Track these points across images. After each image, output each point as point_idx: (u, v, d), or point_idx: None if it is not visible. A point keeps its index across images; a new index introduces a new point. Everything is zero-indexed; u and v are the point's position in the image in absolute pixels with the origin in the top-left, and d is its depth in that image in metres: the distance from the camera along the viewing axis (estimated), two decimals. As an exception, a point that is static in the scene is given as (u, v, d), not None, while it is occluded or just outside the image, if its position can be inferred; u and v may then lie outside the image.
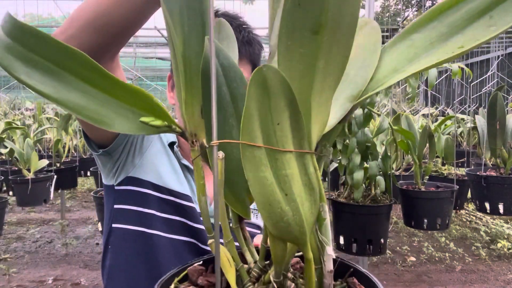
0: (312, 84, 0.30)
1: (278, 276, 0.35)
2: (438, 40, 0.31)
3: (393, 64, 0.33)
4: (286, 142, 0.30)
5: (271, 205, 0.30)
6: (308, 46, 0.28)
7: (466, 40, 0.29)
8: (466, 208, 4.66)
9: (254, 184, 0.30)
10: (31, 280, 3.09)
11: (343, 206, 1.52)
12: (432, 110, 4.81)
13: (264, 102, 0.29)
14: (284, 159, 0.30)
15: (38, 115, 3.57)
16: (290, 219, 0.30)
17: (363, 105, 1.38)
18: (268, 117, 0.29)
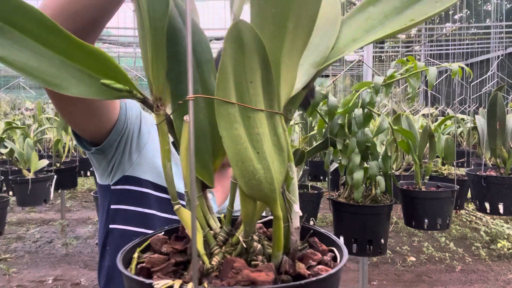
0: (282, 45, 0.31)
1: (247, 236, 0.35)
2: (392, 14, 0.33)
3: (352, 35, 0.35)
4: (258, 101, 0.30)
5: (244, 163, 0.31)
6: (280, 5, 0.29)
7: (416, 14, 0.31)
8: (466, 208, 4.66)
9: (228, 142, 0.30)
10: (31, 280, 3.09)
11: (343, 206, 1.52)
12: (432, 110, 4.81)
13: (239, 59, 0.29)
14: (257, 117, 0.31)
15: (38, 115, 3.57)
16: (261, 177, 0.31)
17: (363, 105, 1.38)
18: (242, 75, 0.29)
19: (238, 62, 0.29)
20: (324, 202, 2.37)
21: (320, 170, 2.81)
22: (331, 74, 7.74)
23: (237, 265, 0.31)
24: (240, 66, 0.29)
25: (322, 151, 1.65)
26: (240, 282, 0.30)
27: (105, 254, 0.83)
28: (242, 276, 0.30)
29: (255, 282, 0.29)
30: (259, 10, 0.30)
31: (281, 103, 0.33)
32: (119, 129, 0.75)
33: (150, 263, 0.35)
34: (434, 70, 1.41)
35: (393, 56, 8.17)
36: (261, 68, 0.30)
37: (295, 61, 0.32)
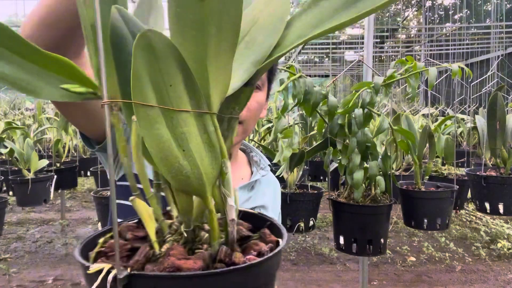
0: (206, 48, 0.32)
1: (187, 226, 0.38)
2: (342, 7, 0.34)
3: (299, 31, 0.36)
4: (181, 102, 0.32)
5: (168, 160, 0.33)
6: (197, 13, 0.30)
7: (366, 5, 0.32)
8: (466, 208, 4.66)
9: (150, 141, 0.32)
10: (31, 280, 3.09)
11: (343, 206, 1.52)
12: (432, 110, 4.81)
13: (153, 65, 0.30)
14: (180, 118, 0.32)
15: (38, 115, 3.57)
16: (189, 173, 0.33)
17: (363, 105, 1.38)
18: (159, 79, 0.31)
19: (152, 68, 0.30)
20: (324, 202, 2.37)
21: (320, 170, 2.81)
22: (331, 74, 7.74)
23: (173, 252, 0.33)
24: (156, 71, 0.31)
25: (322, 151, 1.65)
26: (166, 268, 0.31)
27: None
28: (167, 263, 0.32)
29: (180, 268, 0.31)
30: (177, 17, 0.31)
31: (213, 102, 0.35)
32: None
33: (109, 247, 0.37)
34: (434, 70, 1.41)
35: (393, 56, 8.18)
36: (181, 72, 0.31)
37: (226, 62, 0.34)
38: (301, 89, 1.30)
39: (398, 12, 13.26)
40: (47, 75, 0.35)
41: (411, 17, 12.93)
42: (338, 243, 1.57)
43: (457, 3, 8.49)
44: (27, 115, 4.39)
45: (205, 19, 0.31)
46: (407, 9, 11.60)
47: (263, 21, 0.39)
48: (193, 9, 0.30)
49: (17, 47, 0.34)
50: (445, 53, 6.93)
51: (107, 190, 2.21)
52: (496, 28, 5.04)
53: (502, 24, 5.25)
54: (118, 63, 0.35)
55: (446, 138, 2.27)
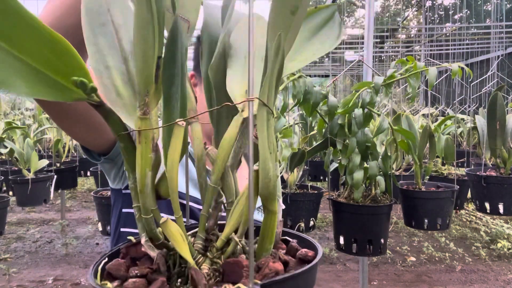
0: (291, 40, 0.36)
1: (242, 235, 0.37)
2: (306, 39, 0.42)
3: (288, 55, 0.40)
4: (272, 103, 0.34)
5: (264, 162, 0.33)
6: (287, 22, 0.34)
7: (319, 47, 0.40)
8: (466, 208, 4.66)
9: (262, 142, 0.33)
10: (31, 280, 3.09)
11: (343, 206, 1.52)
12: (432, 110, 4.81)
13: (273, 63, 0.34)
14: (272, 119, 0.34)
15: (38, 115, 3.57)
16: (271, 175, 0.34)
17: (363, 105, 1.38)
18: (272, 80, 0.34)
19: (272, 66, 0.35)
20: (324, 202, 2.37)
21: (320, 170, 2.81)
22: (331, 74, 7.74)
23: (246, 263, 0.33)
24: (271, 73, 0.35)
25: (322, 151, 1.65)
26: (269, 274, 0.32)
27: None
28: (269, 268, 0.33)
29: (278, 272, 0.33)
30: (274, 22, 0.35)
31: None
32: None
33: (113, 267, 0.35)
34: (434, 70, 1.41)
35: (393, 56, 8.17)
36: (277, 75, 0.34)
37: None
38: (301, 89, 1.30)
39: (398, 12, 13.26)
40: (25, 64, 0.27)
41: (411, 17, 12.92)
42: (338, 243, 1.57)
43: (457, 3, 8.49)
44: (27, 115, 4.39)
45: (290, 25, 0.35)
46: (407, 9, 11.60)
47: None
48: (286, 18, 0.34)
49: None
50: (445, 53, 6.93)
51: (107, 190, 2.21)
52: (496, 28, 5.04)
53: (502, 24, 5.25)
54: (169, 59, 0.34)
55: (446, 138, 2.27)
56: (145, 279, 0.33)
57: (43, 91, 0.28)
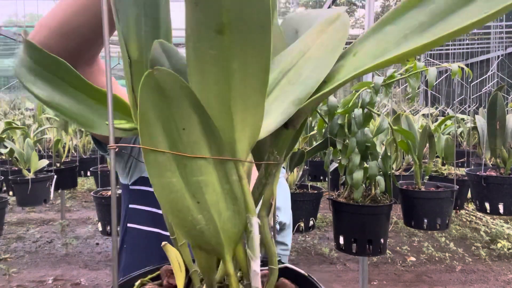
0: (230, 87, 0.28)
1: (210, 286, 0.34)
2: (414, 32, 0.27)
3: (356, 63, 0.31)
4: (196, 148, 0.29)
5: (181, 212, 0.29)
6: (217, 47, 0.27)
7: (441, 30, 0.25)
8: (466, 208, 4.66)
9: (159, 190, 0.29)
10: (31, 280, 3.09)
11: (343, 206, 1.52)
12: (432, 110, 4.81)
13: (163, 108, 0.27)
14: (195, 165, 0.29)
15: (38, 115, 3.57)
16: (203, 228, 0.29)
17: (363, 105, 1.38)
18: (171, 123, 0.28)
19: (162, 111, 0.27)
20: (324, 202, 2.37)
21: (320, 170, 2.81)
22: (331, 74, 7.71)
23: None
24: (166, 114, 0.28)
25: (322, 151, 1.65)
26: None
27: (122, 252, 0.86)
28: None
29: None
30: (195, 53, 0.28)
31: (238, 148, 0.31)
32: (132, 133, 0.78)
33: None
34: (434, 70, 1.41)
35: (393, 56, 8.15)
36: (196, 114, 0.28)
37: (255, 101, 0.29)
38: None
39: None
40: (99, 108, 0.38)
41: (411, 17, 12.88)
42: (338, 243, 1.57)
43: (457, 3, 8.47)
44: (27, 115, 4.39)
45: (226, 53, 0.27)
46: (407, 9, 11.56)
47: (312, 53, 0.33)
48: (212, 43, 0.27)
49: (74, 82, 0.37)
50: (445, 53, 6.93)
51: (107, 190, 2.21)
52: (496, 28, 5.04)
53: (502, 24, 5.25)
54: None
55: (446, 138, 2.27)
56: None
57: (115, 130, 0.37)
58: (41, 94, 0.36)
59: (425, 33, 0.26)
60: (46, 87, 0.36)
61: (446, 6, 0.25)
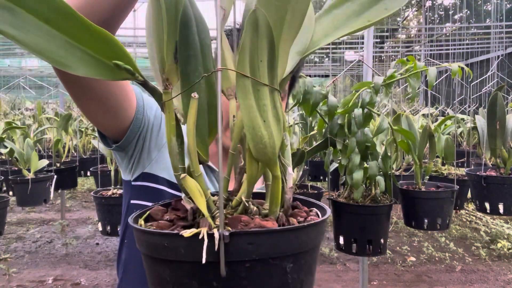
0: (281, 33, 0.36)
1: (248, 196, 0.41)
2: (352, 15, 0.40)
3: (324, 31, 0.42)
4: (264, 77, 0.36)
5: (254, 129, 0.36)
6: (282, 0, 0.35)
7: (371, 16, 0.38)
8: (466, 208, 4.66)
9: (244, 110, 0.36)
10: (31, 280, 3.09)
11: (343, 206, 1.52)
12: (432, 110, 4.81)
13: (254, 40, 0.34)
14: (263, 91, 0.36)
15: (38, 115, 3.57)
16: (266, 142, 0.37)
17: (363, 105, 1.38)
18: (255, 54, 0.35)
19: (253, 43, 0.34)
20: (324, 202, 2.37)
21: (320, 170, 2.81)
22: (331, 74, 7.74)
23: (245, 219, 0.37)
24: (254, 46, 0.34)
25: (322, 151, 1.65)
26: (253, 227, 0.36)
27: (123, 247, 0.87)
28: (254, 223, 0.36)
29: (264, 227, 0.36)
30: (266, 2, 0.35)
31: (278, 82, 0.39)
32: (136, 127, 0.79)
33: (159, 227, 0.40)
34: (434, 70, 1.41)
35: (393, 56, 8.17)
36: (268, 50, 0.35)
37: (288, 48, 0.38)
38: (300, 89, 1.30)
39: (398, 12, 13.26)
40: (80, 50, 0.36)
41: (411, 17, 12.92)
42: (338, 243, 1.57)
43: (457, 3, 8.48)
44: (27, 115, 4.39)
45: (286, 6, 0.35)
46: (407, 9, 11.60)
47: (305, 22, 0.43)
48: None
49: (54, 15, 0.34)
50: (445, 53, 6.93)
51: (107, 190, 2.21)
52: (496, 28, 5.03)
53: (502, 24, 5.25)
54: (182, 42, 0.38)
55: (446, 138, 2.27)
56: (171, 223, 0.41)
57: (98, 72, 0.36)
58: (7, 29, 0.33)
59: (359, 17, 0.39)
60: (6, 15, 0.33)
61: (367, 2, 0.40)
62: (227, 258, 0.33)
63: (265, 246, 0.34)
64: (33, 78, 4.65)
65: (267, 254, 0.34)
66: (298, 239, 0.36)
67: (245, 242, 0.33)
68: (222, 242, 0.32)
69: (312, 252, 0.38)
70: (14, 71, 8.21)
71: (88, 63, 0.35)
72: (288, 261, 0.35)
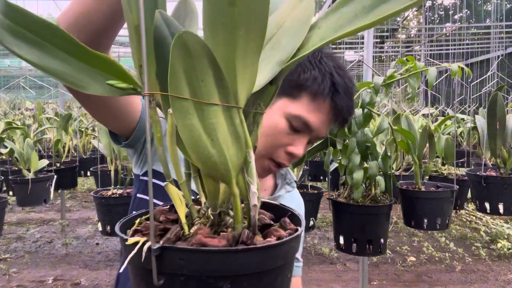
0: (235, 49, 0.36)
1: (214, 209, 0.42)
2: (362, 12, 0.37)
3: (321, 35, 0.40)
4: (211, 96, 0.36)
5: (198, 147, 0.37)
6: (228, 17, 0.34)
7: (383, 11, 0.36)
8: (466, 208, 4.66)
9: (183, 129, 0.36)
10: (31, 280, 3.09)
11: (343, 206, 1.52)
12: (432, 110, 4.81)
13: (188, 62, 0.34)
14: (210, 110, 0.36)
15: (38, 115, 3.57)
16: (216, 160, 0.37)
17: (363, 105, 1.38)
18: (193, 75, 0.35)
19: (187, 64, 0.34)
20: (324, 202, 2.37)
21: (320, 170, 2.81)
22: (331, 74, 7.72)
23: (200, 232, 0.38)
24: (190, 68, 0.34)
25: (322, 151, 1.65)
26: (193, 244, 0.37)
27: None
28: (195, 239, 0.37)
29: (205, 245, 0.36)
30: (210, 20, 0.35)
31: (240, 98, 0.38)
32: (142, 128, 0.85)
33: (144, 227, 0.42)
34: (434, 70, 1.41)
35: (393, 56, 8.17)
36: (212, 69, 0.35)
37: (252, 61, 0.37)
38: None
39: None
40: (92, 72, 0.40)
41: (411, 17, 12.92)
42: (338, 243, 1.57)
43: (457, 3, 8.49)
44: (27, 115, 4.39)
45: (235, 22, 0.34)
46: (407, 9, 11.58)
47: (288, 24, 0.42)
48: (224, 13, 0.34)
49: (65, 45, 0.39)
50: (445, 53, 6.93)
51: (107, 190, 2.21)
52: (496, 28, 5.04)
53: (502, 24, 5.25)
54: (159, 62, 0.39)
55: (446, 138, 2.27)
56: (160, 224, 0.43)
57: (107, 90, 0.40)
58: (29, 57, 0.38)
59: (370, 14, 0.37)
60: (34, 50, 0.38)
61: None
62: (162, 268, 0.35)
63: (196, 264, 0.35)
64: (33, 78, 4.65)
65: (198, 272, 0.35)
66: (236, 261, 0.35)
67: (177, 257, 0.35)
68: (153, 255, 0.35)
69: (261, 276, 0.37)
70: (14, 71, 8.21)
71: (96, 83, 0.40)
72: (225, 282, 0.35)
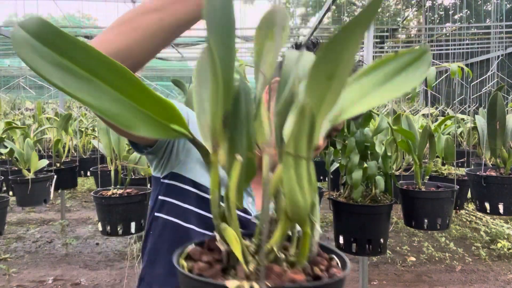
0: (323, 101, 0.41)
1: (279, 247, 0.46)
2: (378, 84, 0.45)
3: (351, 98, 0.46)
4: (303, 151, 0.42)
5: (292, 195, 0.42)
6: (323, 87, 0.40)
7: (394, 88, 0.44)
8: (466, 208, 4.66)
9: (286, 180, 0.42)
10: (31, 280, 3.09)
11: (343, 206, 1.52)
12: (432, 110, 4.81)
13: (300, 126, 0.40)
14: (301, 163, 0.42)
15: (38, 115, 3.57)
16: (301, 205, 0.42)
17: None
18: (299, 135, 0.40)
19: (299, 128, 0.40)
20: (324, 202, 2.37)
21: (321, 170, 2.81)
22: (331, 74, 7.72)
23: (277, 270, 0.42)
24: (299, 130, 0.40)
25: (323, 151, 1.65)
26: (286, 281, 0.41)
27: (148, 239, 0.95)
28: (287, 277, 0.41)
29: (295, 281, 0.40)
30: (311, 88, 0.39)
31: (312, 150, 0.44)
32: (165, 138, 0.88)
33: (199, 269, 0.45)
34: (434, 70, 1.41)
35: (393, 56, 8.15)
36: (308, 131, 0.40)
37: (323, 120, 0.43)
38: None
39: (398, 12, 13.27)
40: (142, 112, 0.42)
41: (411, 17, 12.93)
42: (338, 242, 1.57)
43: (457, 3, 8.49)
44: (27, 115, 4.39)
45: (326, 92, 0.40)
46: (407, 9, 11.60)
47: None
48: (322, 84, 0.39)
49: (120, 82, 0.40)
50: (445, 53, 6.93)
51: (107, 190, 2.21)
52: (496, 28, 5.03)
53: (502, 24, 5.25)
54: (234, 112, 0.45)
55: (446, 138, 2.27)
56: (208, 265, 0.46)
57: (157, 132, 0.43)
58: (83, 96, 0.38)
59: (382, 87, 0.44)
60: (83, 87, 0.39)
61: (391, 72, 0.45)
62: None
63: None
64: (33, 78, 4.65)
65: None
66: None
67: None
68: None
69: None
70: (14, 71, 8.21)
71: (147, 124, 0.42)
72: None
